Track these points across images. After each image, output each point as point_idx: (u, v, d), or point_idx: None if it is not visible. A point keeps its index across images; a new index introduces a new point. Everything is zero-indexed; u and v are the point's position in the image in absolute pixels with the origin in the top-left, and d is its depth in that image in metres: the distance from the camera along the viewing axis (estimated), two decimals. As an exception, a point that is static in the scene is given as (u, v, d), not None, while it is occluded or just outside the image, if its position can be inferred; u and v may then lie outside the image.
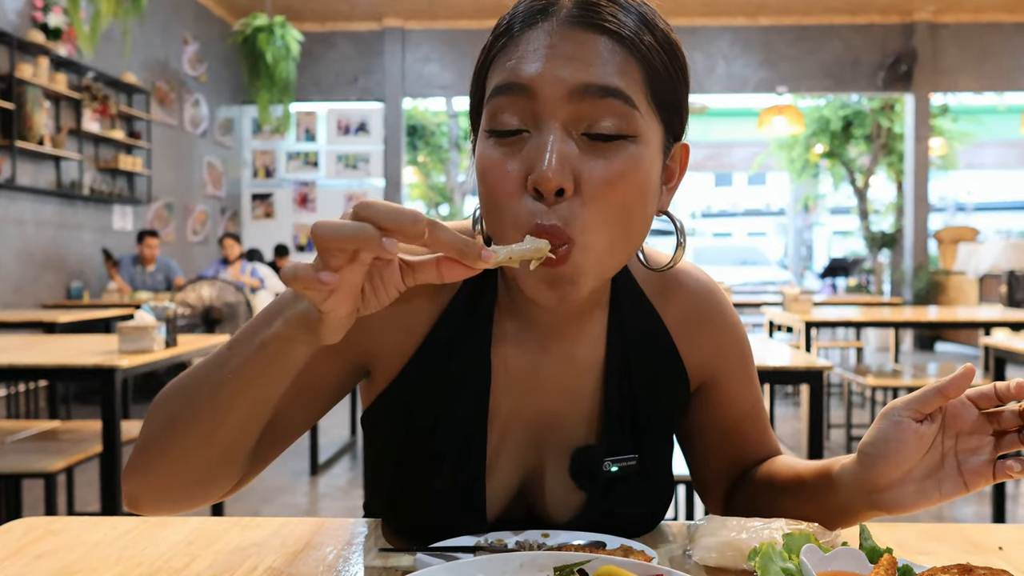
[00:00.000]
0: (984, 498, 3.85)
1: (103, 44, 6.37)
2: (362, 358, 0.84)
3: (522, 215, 0.70)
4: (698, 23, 9.50)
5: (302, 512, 3.68)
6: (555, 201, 0.69)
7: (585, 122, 0.70)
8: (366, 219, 0.57)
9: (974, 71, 9.62)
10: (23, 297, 6.00)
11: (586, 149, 0.70)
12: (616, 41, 0.71)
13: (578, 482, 0.85)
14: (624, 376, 0.86)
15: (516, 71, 0.71)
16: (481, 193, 0.74)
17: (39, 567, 0.75)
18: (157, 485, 0.75)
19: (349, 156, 9.75)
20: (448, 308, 0.84)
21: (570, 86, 0.69)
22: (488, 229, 0.75)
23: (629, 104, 0.70)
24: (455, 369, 0.83)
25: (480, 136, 0.75)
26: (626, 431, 0.86)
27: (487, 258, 0.60)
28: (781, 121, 9.32)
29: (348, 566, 0.77)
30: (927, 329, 9.62)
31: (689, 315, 0.89)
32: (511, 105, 0.71)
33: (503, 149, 0.71)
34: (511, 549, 0.78)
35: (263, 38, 8.17)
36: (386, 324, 0.82)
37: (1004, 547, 0.81)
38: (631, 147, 0.71)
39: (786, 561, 0.66)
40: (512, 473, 0.86)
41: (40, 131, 5.91)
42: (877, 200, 11.65)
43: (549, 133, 0.69)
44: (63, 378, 2.76)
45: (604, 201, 0.70)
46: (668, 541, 0.84)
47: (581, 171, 0.69)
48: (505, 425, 0.85)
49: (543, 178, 0.67)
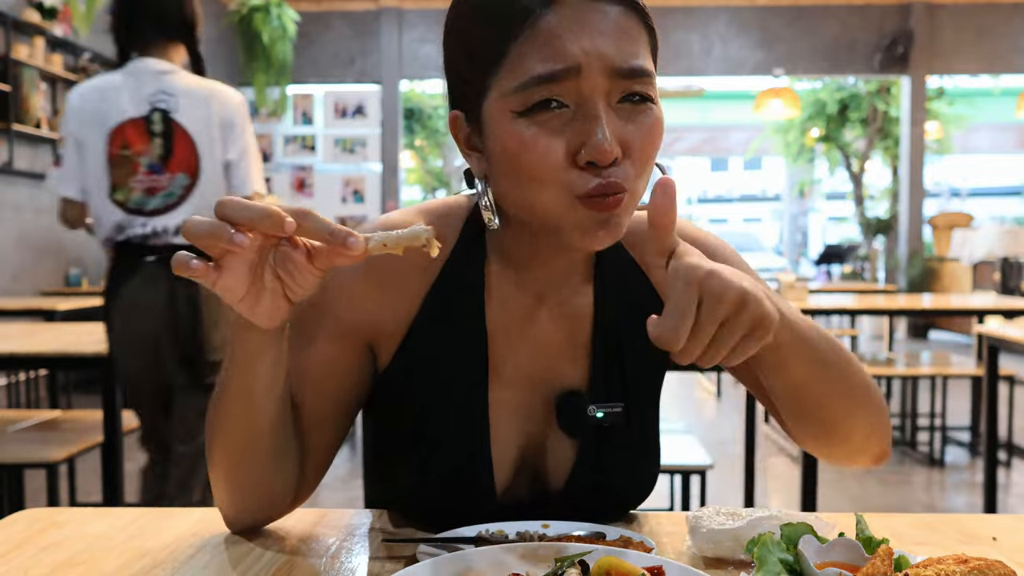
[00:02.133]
0: (976, 488, 3.88)
1: (99, 23, 6.32)
2: (366, 337, 0.88)
3: (574, 185, 0.75)
4: (695, 3, 9.44)
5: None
6: (609, 168, 0.74)
7: (618, 93, 0.76)
8: (221, 217, 0.64)
9: (970, 53, 9.59)
10: (21, 284, 5.99)
11: (624, 116, 0.76)
12: (631, 10, 0.77)
13: (566, 429, 0.89)
14: (611, 329, 0.91)
15: (560, 57, 0.73)
16: (517, 170, 0.76)
17: (44, 558, 0.76)
18: (230, 504, 0.84)
19: (346, 140, 9.71)
20: (440, 275, 0.88)
21: (610, 67, 0.74)
22: (522, 202, 0.78)
23: (650, 75, 0.77)
24: (452, 331, 0.88)
25: (501, 115, 0.76)
26: (613, 380, 0.91)
27: (353, 245, 0.65)
28: (777, 104, 9.29)
29: (351, 557, 0.78)
30: (921, 317, 9.65)
31: None
32: (554, 89, 0.74)
33: (540, 127, 0.74)
34: (512, 540, 0.78)
35: (259, 18, 8.12)
36: (380, 299, 0.87)
37: (998, 537, 0.82)
38: (653, 108, 0.78)
39: (784, 552, 0.67)
40: (514, 430, 0.90)
41: (37, 114, 5.87)
42: (872, 185, 11.64)
43: (598, 110, 0.74)
44: (64, 367, 2.76)
45: (643, 158, 0.77)
46: (667, 532, 0.85)
47: (626, 138, 0.76)
48: (504, 381, 0.89)
49: (603, 152, 0.73)
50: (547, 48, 0.73)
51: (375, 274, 0.86)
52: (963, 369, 4.19)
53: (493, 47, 0.76)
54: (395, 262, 0.81)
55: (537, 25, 0.74)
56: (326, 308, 0.86)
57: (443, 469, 0.87)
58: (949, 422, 4.68)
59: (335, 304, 0.86)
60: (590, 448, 0.90)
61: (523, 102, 0.74)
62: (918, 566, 0.63)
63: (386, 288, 0.87)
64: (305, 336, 0.86)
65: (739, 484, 3.13)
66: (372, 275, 0.87)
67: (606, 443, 0.90)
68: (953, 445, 4.71)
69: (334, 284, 0.86)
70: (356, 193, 9.52)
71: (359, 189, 9.58)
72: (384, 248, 0.67)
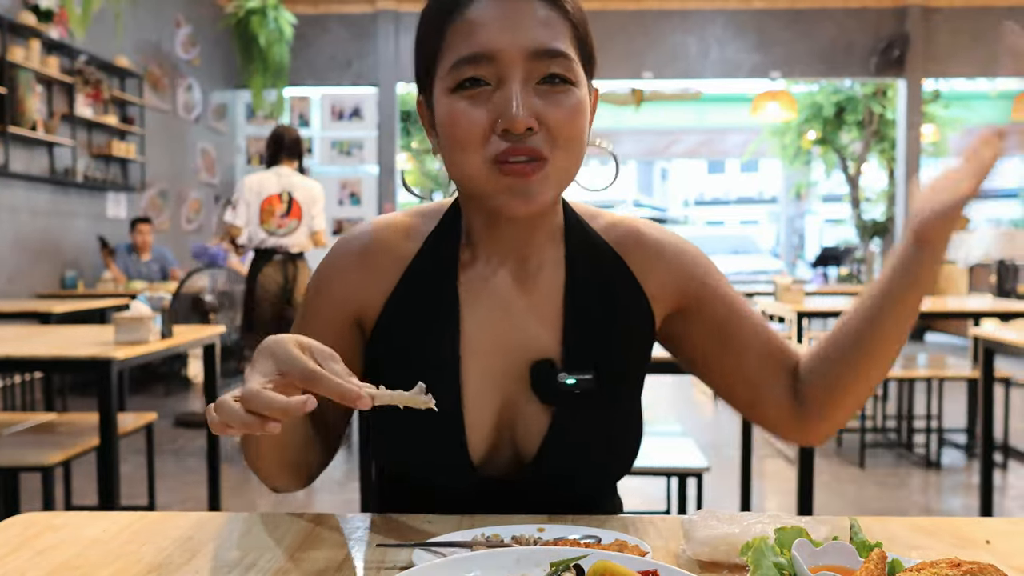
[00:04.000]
0: (972, 490, 3.89)
1: (95, 26, 6.32)
2: (353, 316, 0.98)
3: (490, 150, 0.85)
4: (692, 6, 9.47)
5: (298, 505, 3.69)
6: (525, 137, 0.84)
7: (538, 75, 0.86)
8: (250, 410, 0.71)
9: (966, 56, 9.63)
10: (17, 286, 5.98)
11: (542, 95, 0.86)
12: (550, 3, 0.87)
13: (540, 396, 0.94)
14: (582, 300, 0.97)
15: (479, 42, 0.85)
16: (449, 139, 0.87)
17: (40, 563, 0.76)
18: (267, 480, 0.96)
19: (343, 142, 9.72)
20: (417, 254, 0.98)
21: (526, 50, 0.85)
22: (455, 170, 0.90)
23: (569, 59, 0.87)
24: (426, 304, 0.96)
25: (441, 94, 0.88)
26: (584, 350, 0.95)
27: (361, 405, 0.73)
28: (774, 107, 9.31)
29: (347, 561, 0.78)
30: (917, 319, 9.66)
31: (651, 254, 1.00)
32: (475, 69, 0.85)
33: (467, 102, 0.86)
34: (507, 544, 0.79)
35: (256, 20, 8.12)
36: (362, 279, 0.97)
37: (992, 540, 0.82)
38: (574, 90, 0.87)
39: (778, 555, 0.68)
40: (489, 400, 0.95)
41: (32, 116, 5.86)
42: (869, 188, 11.67)
43: (513, 86, 0.85)
44: (60, 370, 2.76)
45: (562, 134, 0.86)
46: (662, 536, 0.85)
47: (541, 113, 0.85)
48: (479, 351, 0.96)
49: (513, 120, 0.83)
50: (472, 35, 0.85)
51: (360, 256, 0.98)
52: (959, 371, 4.20)
53: (434, 39, 0.89)
54: (377, 245, 0.97)
55: (464, 15, 0.86)
56: (322, 295, 0.98)
57: (420, 435, 0.93)
58: (945, 424, 4.69)
59: (328, 290, 0.98)
60: (563, 415, 0.94)
61: (454, 80, 0.86)
62: (911, 570, 0.63)
63: (368, 268, 0.97)
64: (308, 322, 0.98)
65: (735, 487, 3.13)
66: (357, 257, 0.98)
67: (579, 411, 0.95)
68: (949, 447, 4.72)
69: (327, 272, 0.99)
70: (353, 195, 9.52)
71: (356, 191, 9.58)
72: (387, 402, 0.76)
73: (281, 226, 4.53)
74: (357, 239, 0.99)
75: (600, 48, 0.94)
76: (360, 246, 0.98)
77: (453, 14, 0.87)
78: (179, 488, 3.83)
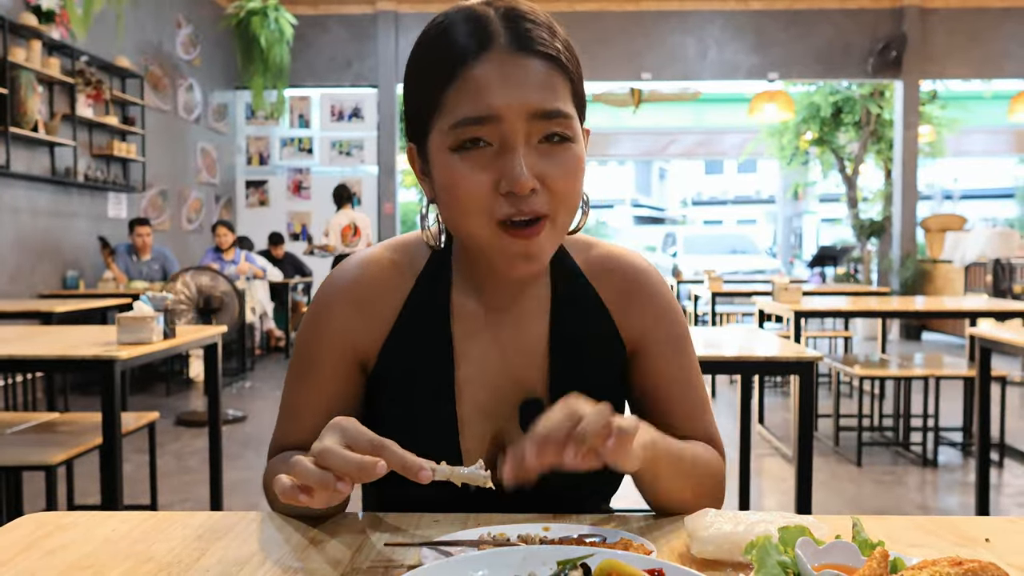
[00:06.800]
0: (968, 488, 3.90)
1: (96, 27, 6.32)
2: (356, 359, 0.99)
3: (495, 211, 0.86)
4: (690, 7, 9.48)
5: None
6: (528, 197, 0.86)
7: (539, 134, 0.87)
8: (323, 465, 0.73)
9: (963, 57, 9.64)
10: (19, 287, 5.98)
11: (543, 154, 0.87)
12: (550, 62, 0.87)
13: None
14: (568, 341, 1.01)
15: (484, 104, 0.85)
16: (452, 200, 0.88)
17: (50, 563, 0.76)
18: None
19: (343, 143, 9.72)
20: (411, 293, 1.00)
21: (529, 112, 0.85)
22: (457, 228, 0.91)
23: (568, 117, 0.88)
24: (421, 344, 0.98)
25: (439, 149, 0.88)
26: (570, 388, 0.94)
27: (423, 478, 0.74)
28: (772, 107, 9.32)
29: (354, 560, 0.79)
30: (914, 319, 9.68)
31: (624, 290, 1.03)
32: (479, 130, 0.85)
33: (470, 163, 0.86)
34: (513, 543, 0.80)
35: (256, 21, 8.12)
36: (359, 320, 0.99)
37: (991, 539, 0.83)
38: (572, 146, 0.89)
39: (782, 554, 0.68)
40: (482, 432, 0.99)
41: (34, 116, 5.86)
42: (866, 188, 11.67)
43: (517, 148, 0.85)
44: (63, 370, 2.76)
45: (562, 190, 0.88)
46: (667, 535, 0.86)
47: (543, 172, 0.86)
48: (473, 388, 0.99)
49: (519, 183, 0.84)
50: (474, 96, 0.85)
51: (354, 297, 0.99)
52: (956, 370, 4.21)
53: (432, 93, 0.88)
54: (372, 284, 0.99)
55: (466, 75, 0.86)
56: (324, 342, 0.99)
57: None
58: (942, 423, 4.70)
59: (329, 337, 0.99)
60: None
61: (455, 140, 0.86)
62: (913, 568, 0.64)
63: (364, 309, 0.99)
64: (316, 372, 0.99)
65: (734, 486, 3.14)
66: (352, 299, 0.99)
67: None
68: (946, 446, 4.73)
69: (324, 316, 0.99)
70: (353, 196, 9.51)
71: (356, 192, 9.58)
72: (446, 477, 0.76)
73: (351, 242, 7.33)
74: (349, 282, 1.00)
75: (599, 49, 0.95)
76: (354, 289, 0.99)
77: (455, 71, 0.86)
78: (180, 487, 3.83)
